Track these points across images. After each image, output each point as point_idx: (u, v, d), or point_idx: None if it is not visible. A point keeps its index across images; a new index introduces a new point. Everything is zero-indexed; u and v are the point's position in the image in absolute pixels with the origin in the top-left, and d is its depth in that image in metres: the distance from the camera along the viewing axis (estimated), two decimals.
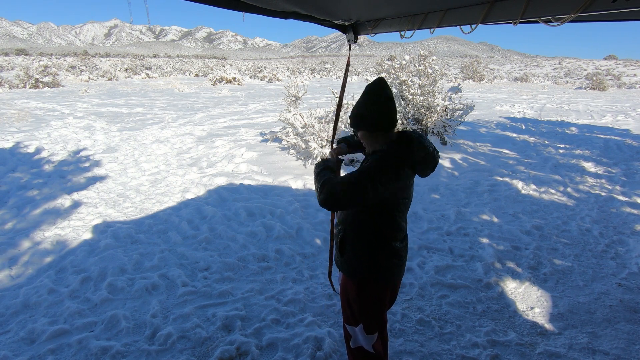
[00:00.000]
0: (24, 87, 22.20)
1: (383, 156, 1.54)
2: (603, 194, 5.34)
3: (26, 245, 3.80)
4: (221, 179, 5.75)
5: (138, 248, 3.70)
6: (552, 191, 5.44)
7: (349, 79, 39.45)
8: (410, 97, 8.11)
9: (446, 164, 6.81)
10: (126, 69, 45.08)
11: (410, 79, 8.21)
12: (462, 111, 8.11)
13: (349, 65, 2.38)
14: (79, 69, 43.94)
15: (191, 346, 2.45)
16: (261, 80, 38.68)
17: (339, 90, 8.45)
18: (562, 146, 8.30)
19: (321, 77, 49.25)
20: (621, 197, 5.19)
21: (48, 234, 4.04)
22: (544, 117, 12.90)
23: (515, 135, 9.49)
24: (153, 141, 8.50)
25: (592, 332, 2.60)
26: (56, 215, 4.52)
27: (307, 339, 2.46)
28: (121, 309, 2.78)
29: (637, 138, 9.15)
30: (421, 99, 8.07)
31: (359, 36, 2.46)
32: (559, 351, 2.41)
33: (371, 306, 1.73)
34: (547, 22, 1.37)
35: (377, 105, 1.59)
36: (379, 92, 1.59)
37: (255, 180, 5.75)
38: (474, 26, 1.63)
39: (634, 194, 5.29)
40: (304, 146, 6.58)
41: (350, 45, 2.51)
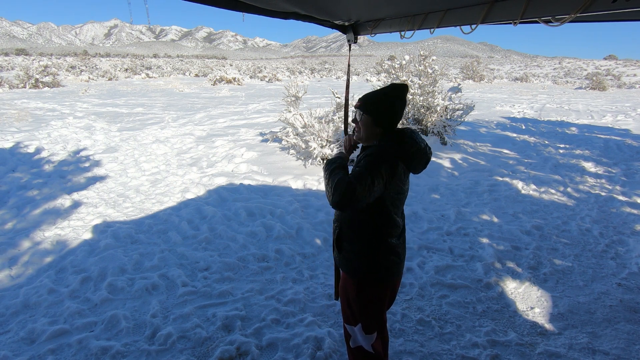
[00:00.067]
0: (24, 87, 22.20)
1: (379, 152, 1.56)
2: (603, 194, 5.34)
3: (26, 245, 3.80)
4: (221, 179, 5.76)
5: (138, 248, 3.70)
6: (552, 191, 5.44)
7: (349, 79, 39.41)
8: (410, 97, 8.11)
9: (446, 164, 6.81)
10: (126, 69, 45.09)
11: (410, 79, 8.21)
12: (462, 111, 8.11)
13: (350, 65, 2.39)
14: (79, 69, 43.95)
15: (191, 346, 2.45)
16: (261, 80, 38.67)
17: (339, 91, 8.43)
18: (562, 146, 8.30)
19: (321, 77, 49.23)
20: (621, 197, 5.19)
21: (48, 234, 4.04)
22: (544, 117, 12.90)
23: (515, 135, 9.49)
24: (153, 141, 8.50)
25: (592, 332, 2.60)
26: (56, 215, 4.52)
27: (307, 339, 2.46)
28: (121, 309, 2.78)
29: (637, 138, 9.15)
30: (421, 99, 8.07)
31: (359, 36, 2.46)
32: (559, 351, 2.41)
33: (370, 306, 1.73)
34: (547, 22, 1.37)
35: (393, 101, 1.62)
36: (400, 94, 1.63)
37: (255, 180, 5.75)
38: (474, 26, 1.63)
39: (634, 194, 5.29)
40: (304, 146, 6.58)
41: (350, 45, 2.51)
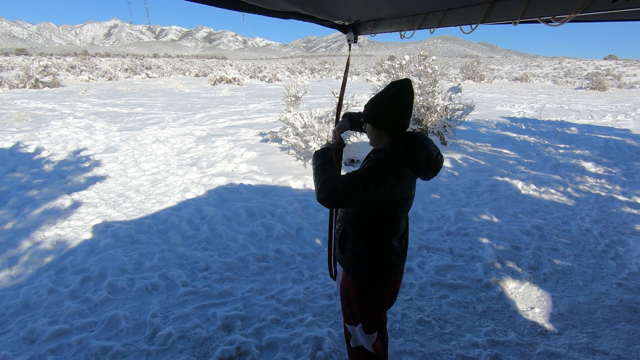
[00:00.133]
0: (24, 87, 22.20)
1: (384, 157, 1.53)
2: (603, 194, 5.34)
3: (26, 245, 3.80)
4: (221, 179, 5.75)
5: (138, 248, 3.70)
6: (552, 191, 5.44)
7: (349, 79, 39.46)
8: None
9: (446, 164, 6.81)
10: (126, 69, 45.08)
11: (411, 79, 8.21)
12: (462, 111, 8.11)
13: (349, 65, 2.38)
14: (79, 68, 43.95)
15: (191, 346, 2.45)
16: (261, 80, 38.68)
17: (339, 91, 8.44)
18: (562, 146, 8.30)
19: (321, 77, 49.25)
20: (621, 197, 5.19)
21: (48, 234, 4.04)
22: (544, 117, 12.90)
23: (515, 135, 9.49)
24: (153, 141, 8.50)
25: (592, 332, 2.60)
26: (56, 215, 4.52)
27: (307, 339, 2.46)
28: (121, 309, 2.78)
29: (637, 138, 9.15)
30: (421, 99, 8.07)
31: (359, 36, 2.46)
32: (559, 351, 2.41)
33: (371, 306, 1.73)
34: (547, 22, 1.37)
35: (388, 104, 1.54)
36: (395, 93, 1.53)
37: (255, 180, 5.75)
38: (474, 26, 1.63)
39: (634, 194, 5.29)
40: (304, 146, 6.58)
41: (350, 45, 2.51)
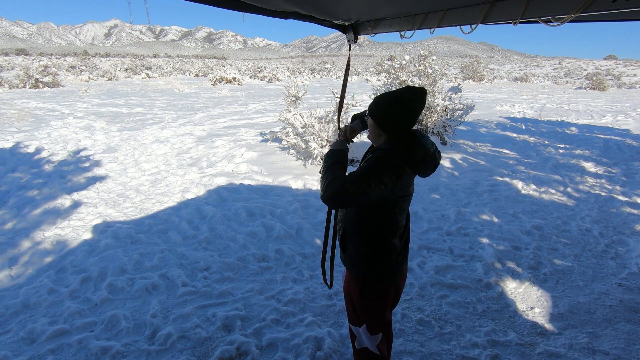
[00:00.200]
0: (24, 87, 22.20)
1: (384, 156, 1.53)
2: (603, 194, 5.34)
3: (26, 245, 3.80)
4: (221, 179, 5.76)
5: (138, 248, 3.70)
6: (552, 191, 5.44)
7: (349, 79, 39.49)
8: None
9: (446, 164, 6.81)
10: (126, 69, 45.08)
11: (410, 79, 8.21)
12: (462, 111, 8.11)
13: (349, 65, 2.38)
14: (79, 69, 43.94)
15: (191, 346, 2.45)
16: (261, 80, 38.68)
17: (339, 91, 8.43)
18: (562, 146, 8.30)
19: (321, 77, 49.25)
20: (621, 197, 5.19)
21: (48, 234, 4.04)
22: (544, 117, 12.90)
23: (515, 135, 9.49)
24: (153, 141, 8.50)
25: (592, 332, 2.60)
26: (56, 215, 4.52)
27: (307, 339, 2.46)
28: (121, 309, 2.78)
29: (637, 138, 9.15)
30: None
31: (359, 36, 2.46)
32: (559, 351, 2.41)
33: (374, 306, 1.72)
34: (547, 22, 1.37)
35: (397, 109, 1.52)
36: (407, 100, 1.50)
37: (255, 180, 5.75)
38: (474, 26, 1.63)
39: (634, 194, 5.29)
40: (304, 146, 6.58)
41: (350, 45, 2.51)
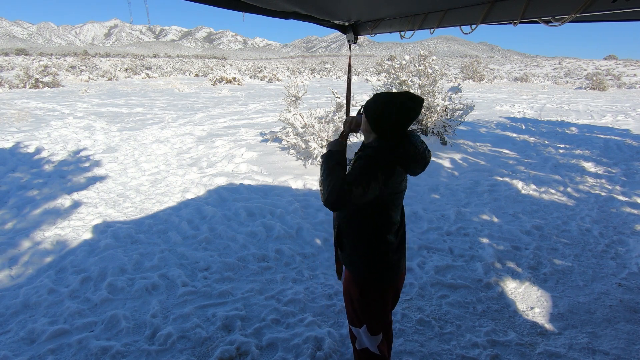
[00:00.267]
0: (24, 87, 22.20)
1: (374, 154, 1.54)
2: (603, 194, 5.34)
3: (26, 245, 3.80)
4: (221, 179, 5.76)
5: (138, 248, 3.70)
6: (552, 191, 5.44)
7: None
8: None
9: (446, 164, 6.81)
10: (126, 69, 45.07)
11: (410, 79, 8.21)
12: (462, 111, 8.11)
13: (350, 65, 2.38)
14: (79, 69, 43.94)
15: (191, 346, 2.45)
16: (261, 80, 38.67)
17: (339, 91, 8.41)
18: (562, 146, 8.30)
19: (321, 77, 49.24)
20: (621, 197, 5.19)
21: (48, 234, 4.04)
22: (544, 117, 12.90)
23: (515, 135, 9.49)
24: (153, 141, 8.50)
25: (592, 332, 2.60)
26: (56, 215, 4.52)
27: (307, 339, 2.46)
28: (121, 309, 2.79)
29: (637, 138, 9.15)
30: None
31: (359, 36, 2.46)
32: (559, 351, 2.41)
33: (373, 306, 1.72)
34: (547, 22, 1.37)
35: (391, 113, 1.51)
36: (403, 106, 1.49)
37: (255, 180, 5.75)
38: (474, 26, 1.63)
39: (634, 194, 5.29)
40: (304, 146, 6.58)
41: (350, 45, 2.51)
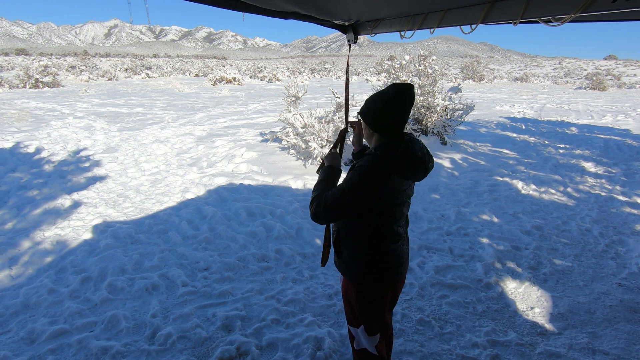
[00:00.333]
0: (24, 87, 22.20)
1: (369, 164, 1.52)
2: (603, 194, 5.34)
3: (26, 245, 3.80)
4: (221, 179, 5.76)
5: (138, 248, 3.70)
6: (552, 191, 5.44)
7: (349, 79, 39.45)
8: None
9: (446, 164, 6.81)
10: (126, 69, 45.07)
11: (410, 79, 8.21)
12: (462, 111, 8.11)
13: (349, 65, 2.38)
14: (79, 69, 43.93)
15: (191, 346, 2.45)
16: (261, 80, 38.67)
17: (339, 91, 8.42)
18: (562, 146, 8.30)
19: (321, 77, 49.22)
20: (621, 197, 5.19)
21: (48, 234, 4.04)
22: (544, 117, 12.90)
23: (515, 135, 9.49)
24: (153, 141, 8.50)
25: (592, 332, 2.60)
26: (56, 215, 4.52)
27: (307, 339, 2.46)
28: (121, 309, 2.78)
29: (637, 138, 9.15)
30: (421, 99, 8.07)
31: (359, 36, 2.46)
32: (559, 351, 2.41)
33: (370, 307, 1.72)
34: (547, 22, 1.37)
35: (384, 107, 1.52)
36: (394, 97, 1.51)
37: (255, 180, 5.75)
38: (474, 26, 1.63)
39: (634, 194, 5.29)
40: (304, 146, 6.58)
41: (350, 45, 2.51)
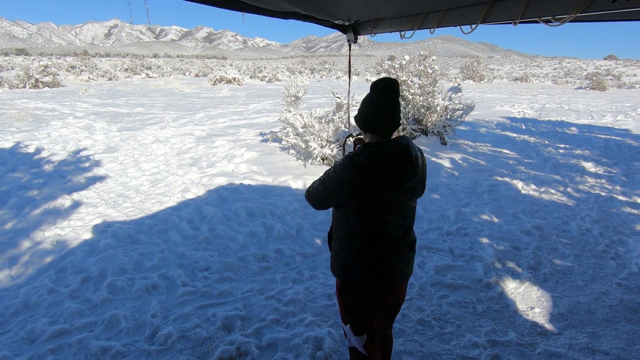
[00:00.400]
0: (24, 87, 22.20)
1: (343, 158, 1.55)
2: (603, 194, 5.34)
3: (26, 245, 3.80)
4: (221, 179, 5.76)
5: (138, 248, 3.70)
6: (552, 191, 5.44)
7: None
8: (410, 97, 8.11)
9: (446, 164, 6.81)
10: (126, 69, 45.05)
11: (410, 79, 8.21)
12: (462, 111, 8.11)
13: (350, 65, 2.39)
14: (79, 69, 43.92)
15: (191, 346, 2.45)
16: (261, 80, 38.67)
17: (339, 91, 8.41)
18: (562, 146, 8.30)
19: (321, 77, 49.23)
20: (621, 197, 5.19)
21: (48, 234, 4.04)
22: (544, 117, 12.90)
23: (515, 135, 9.49)
24: (153, 141, 8.50)
25: (592, 332, 2.60)
26: (56, 215, 4.52)
27: (307, 339, 2.46)
28: (121, 309, 2.78)
29: (637, 138, 9.15)
30: (421, 99, 8.07)
31: (359, 36, 2.46)
32: (559, 351, 2.41)
33: (351, 308, 1.71)
34: (547, 22, 1.37)
35: (367, 106, 1.54)
36: (374, 95, 1.52)
37: (255, 180, 5.75)
38: (474, 26, 1.63)
39: (634, 194, 5.29)
40: (304, 146, 6.58)
41: (350, 45, 2.51)
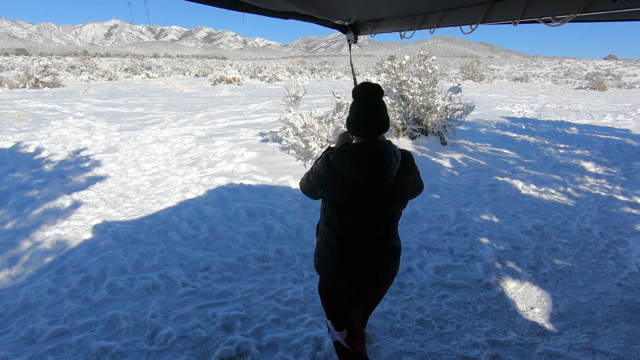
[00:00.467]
0: (24, 87, 22.19)
1: (322, 157, 1.63)
2: (603, 194, 5.34)
3: (26, 245, 3.80)
4: (221, 179, 5.76)
5: (138, 248, 3.70)
6: (552, 191, 5.44)
7: (349, 80, 39.60)
8: (410, 97, 8.11)
9: (446, 164, 6.81)
10: (126, 69, 45.03)
11: (410, 79, 8.21)
12: (462, 111, 8.11)
13: (352, 65, 2.39)
14: (79, 68, 43.90)
15: (191, 346, 2.45)
16: (261, 80, 38.66)
17: (338, 90, 8.39)
18: (562, 146, 8.30)
19: (321, 77, 49.20)
20: (621, 197, 5.19)
21: (48, 234, 4.04)
22: (544, 117, 12.90)
23: (515, 135, 9.49)
24: (153, 141, 8.50)
25: (592, 332, 2.60)
26: (56, 215, 4.52)
27: (307, 339, 2.46)
28: (121, 309, 2.79)
29: (637, 138, 9.15)
30: (421, 99, 8.07)
31: (359, 36, 2.46)
32: (559, 351, 2.41)
33: (330, 304, 1.80)
34: (547, 22, 1.37)
35: (351, 110, 1.61)
36: (356, 100, 1.57)
37: (255, 180, 5.75)
38: (474, 26, 1.63)
39: (634, 194, 5.29)
40: (304, 146, 6.58)
41: (350, 45, 2.51)
